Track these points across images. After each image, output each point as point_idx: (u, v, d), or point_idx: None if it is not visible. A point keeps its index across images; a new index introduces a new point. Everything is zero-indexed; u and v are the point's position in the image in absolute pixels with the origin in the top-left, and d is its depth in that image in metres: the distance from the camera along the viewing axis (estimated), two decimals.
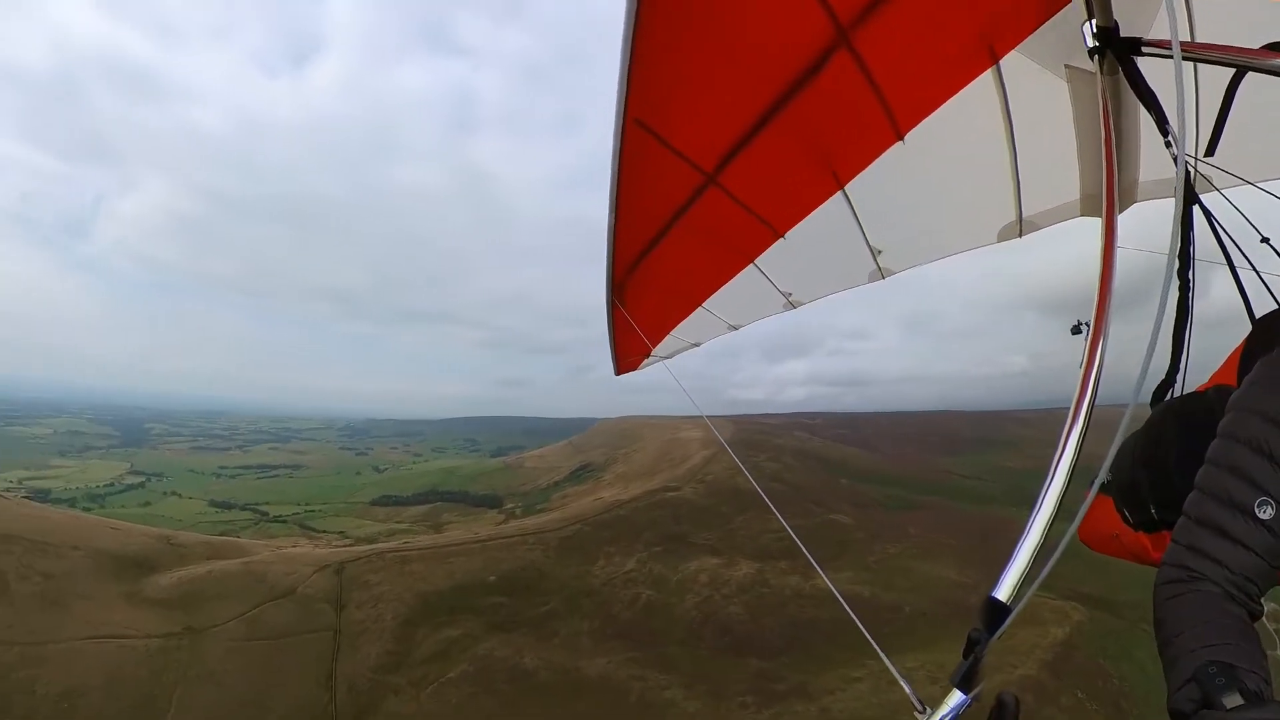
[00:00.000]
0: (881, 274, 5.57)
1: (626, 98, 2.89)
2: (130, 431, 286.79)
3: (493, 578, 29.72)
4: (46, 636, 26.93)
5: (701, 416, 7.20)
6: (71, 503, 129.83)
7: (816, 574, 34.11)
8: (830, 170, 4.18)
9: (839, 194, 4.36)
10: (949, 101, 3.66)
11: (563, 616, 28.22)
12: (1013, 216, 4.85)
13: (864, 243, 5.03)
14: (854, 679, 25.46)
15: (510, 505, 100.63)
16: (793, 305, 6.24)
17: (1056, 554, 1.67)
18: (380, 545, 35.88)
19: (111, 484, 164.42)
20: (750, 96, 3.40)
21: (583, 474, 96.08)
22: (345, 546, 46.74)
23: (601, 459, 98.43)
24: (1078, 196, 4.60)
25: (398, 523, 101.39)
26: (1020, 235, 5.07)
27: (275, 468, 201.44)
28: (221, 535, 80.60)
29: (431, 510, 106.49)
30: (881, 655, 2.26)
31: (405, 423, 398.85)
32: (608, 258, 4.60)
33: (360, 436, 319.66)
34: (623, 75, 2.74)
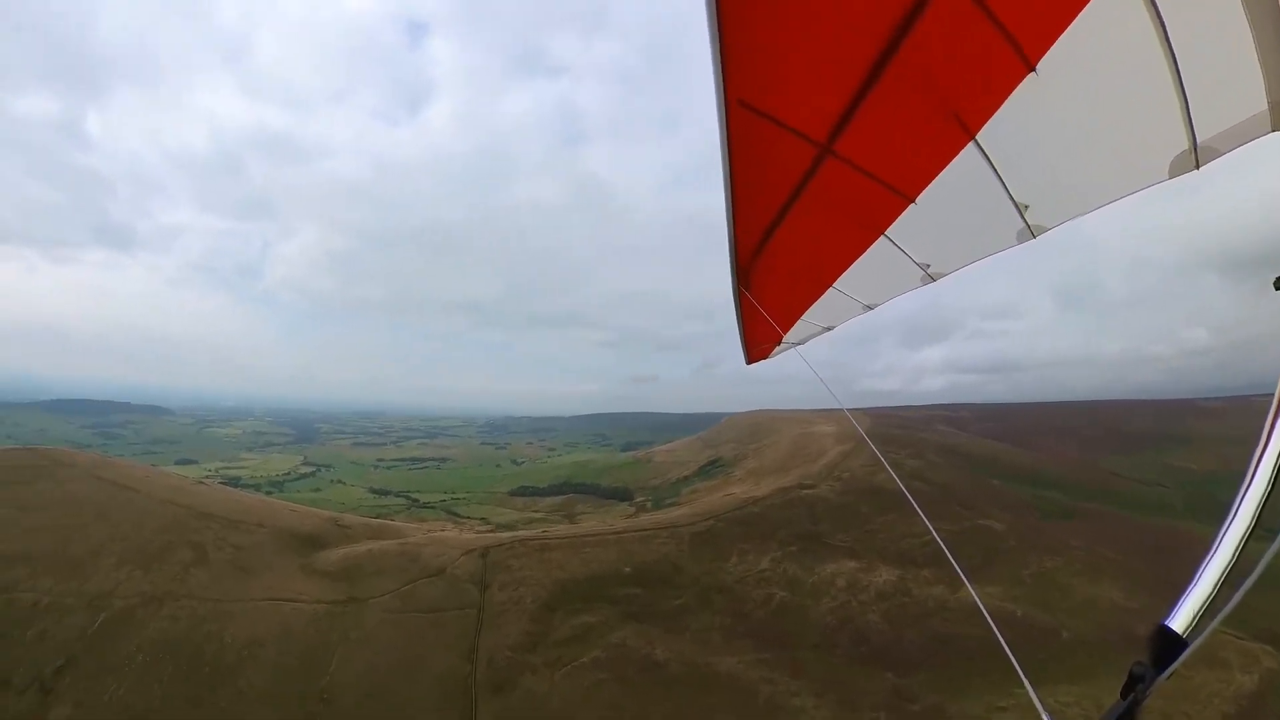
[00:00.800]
0: (1032, 232, 4.76)
1: (724, 80, 2.80)
2: (303, 431, 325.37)
3: (628, 569, 29.98)
4: (234, 597, 31.05)
5: (841, 409, 6.71)
6: (257, 488, 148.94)
7: (963, 585, 31.16)
8: (956, 119, 3.66)
9: (970, 145, 3.83)
10: (1081, 14, 3.03)
11: (695, 611, 27.98)
12: (1184, 144, 3.85)
13: (1007, 198, 4.38)
14: (998, 708, 23.31)
15: (640, 499, 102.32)
16: (932, 278, 5.63)
17: (1250, 580, 1.31)
18: (521, 533, 37.29)
19: (289, 473, 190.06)
20: (851, 52, 3.07)
21: (713, 469, 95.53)
22: (487, 532, 49.32)
23: (731, 454, 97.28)
24: (1265, 106, 3.57)
25: (534, 512, 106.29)
26: (1197, 166, 4.03)
27: (424, 460, 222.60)
28: (378, 518, 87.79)
29: (565, 501, 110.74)
30: (1027, 686, 2.02)
31: (539, 419, 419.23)
32: (730, 245, 4.42)
33: (499, 432, 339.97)
34: (716, 58, 2.64)
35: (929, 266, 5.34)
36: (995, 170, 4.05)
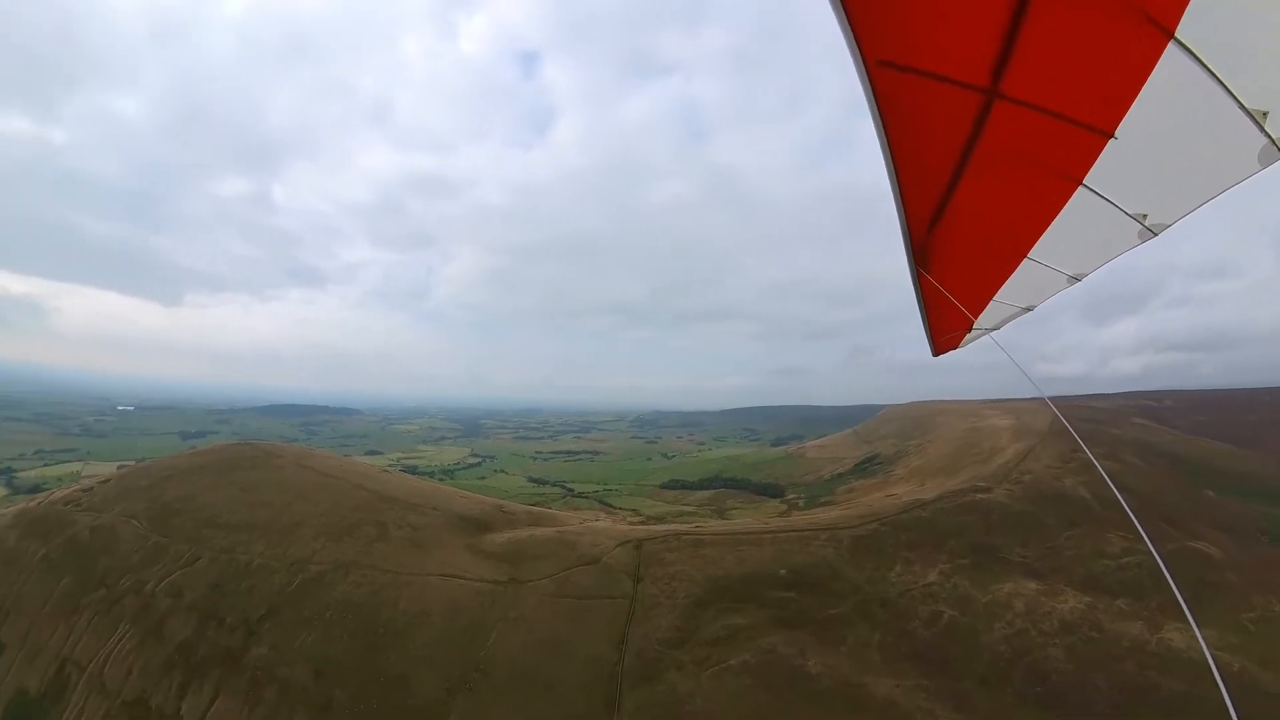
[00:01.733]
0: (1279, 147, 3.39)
1: (857, 42, 2.53)
2: (471, 426, 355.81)
3: (783, 571, 28.68)
4: (409, 569, 33.94)
5: (1041, 397, 5.62)
6: (431, 475, 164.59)
7: (1166, 623, 26.83)
8: (1144, 17, 2.76)
9: (1170, 46, 2.85)
10: None
11: (852, 623, 26.11)
12: None
13: (1235, 106, 3.14)
14: None
15: (792, 496, 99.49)
16: (1152, 231, 4.39)
17: None
18: (675, 526, 37.22)
19: (458, 463, 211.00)
20: None
21: (870, 466, 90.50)
22: (639, 523, 50.15)
23: (890, 450, 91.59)
24: None
25: (684, 505, 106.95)
26: None
27: (579, 453, 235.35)
28: (537, 505, 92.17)
29: (716, 496, 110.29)
30: None
31: (688, 414, 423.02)
32: (900, 222, 3.93)
33: (649, 427, 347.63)
34: (843, 21, 2.40)
35: (1146, 217, 4.20)
36: (1211, 72, 2.98)
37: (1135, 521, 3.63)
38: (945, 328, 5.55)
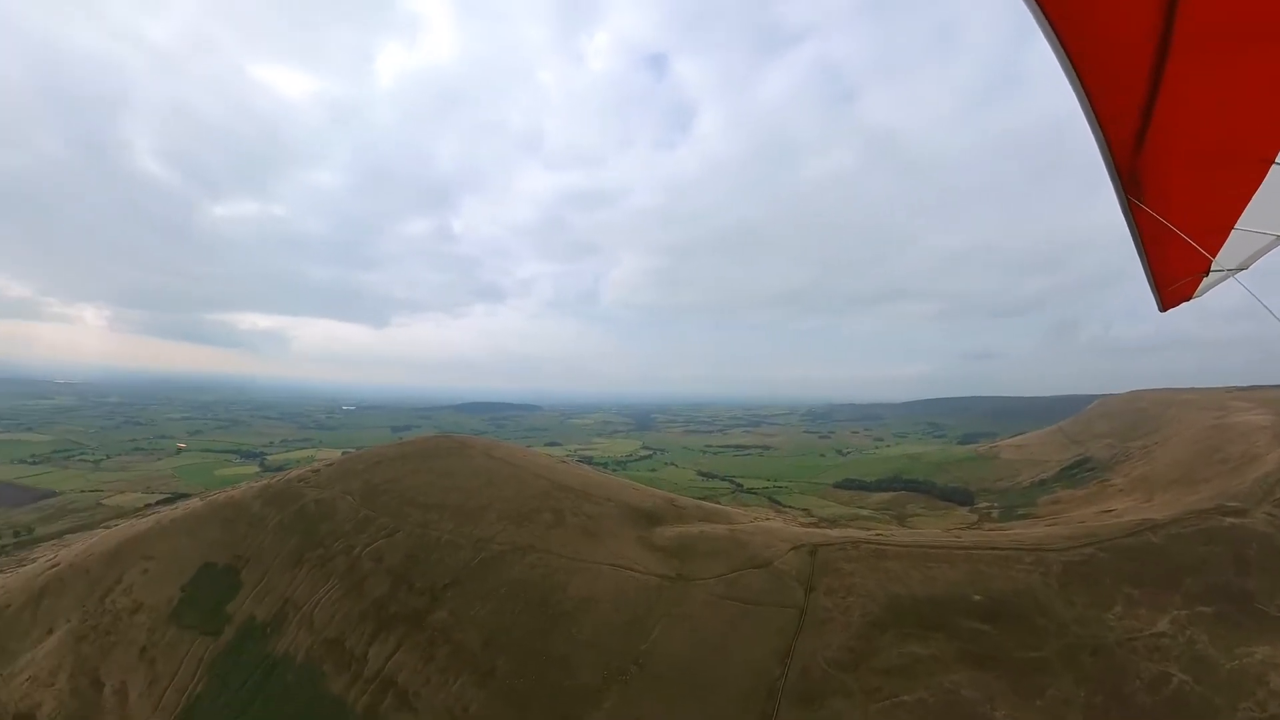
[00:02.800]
0: None
1: None
2: (642, 420, 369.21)
3: (978, 596, 24.91)
4: (581, 556, 35.48)
5: None
6: (605, 466, 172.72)
7: None
8: None
9: None
10: None
11: (1055, 671, 21.73)
12: None
13: None
14: None
15: (984, 504, 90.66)
16: None
17: None
18: (854, 533, 34.82)
19: (630, 455, 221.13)
20: None
21: (1080, 472, 79.67)
22: (811, 525, 48.02)
23: (1106, 453, 79.87)
24: None
25: (860, 508, 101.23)
26: None
27: (748, 448, 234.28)
28: (705, 499, 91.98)
29: (895, 499, 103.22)
30: None
31: (864, 407, 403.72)
32: (1099, 143, 3.12)
33: (822, 421, 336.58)
34: None
35: None
36: None
37: None
38: (1173, 272, 4.29)
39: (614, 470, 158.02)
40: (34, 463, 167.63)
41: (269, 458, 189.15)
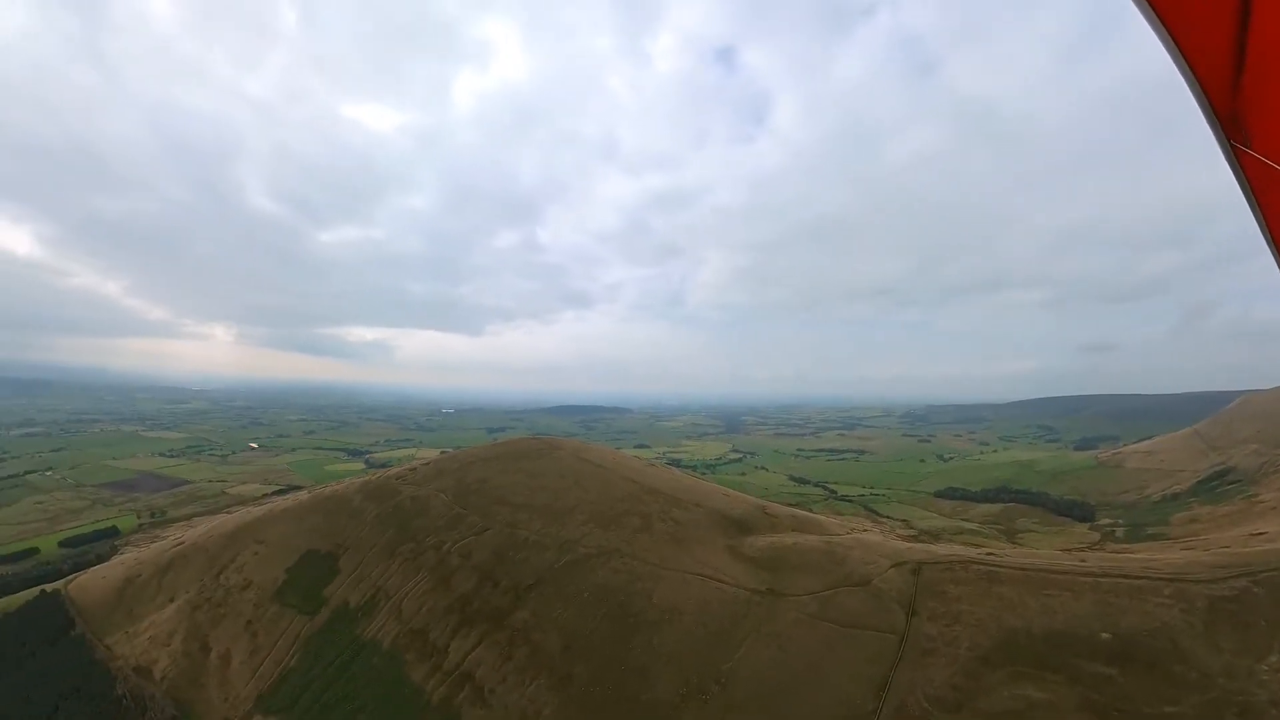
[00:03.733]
0: None
1: None
2: (731, 422, 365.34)
3: (1105, 635, 21.33)
4: (668, 564, 34.92)
5: None
6: (694, 469, 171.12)
7: None
8: None
9: None
10: None
11: None
12: None
13: None
14: None
15: (1107, 520, 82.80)
16: None
17: None
18: (961, 551, 31.87)
19: (720, 458, 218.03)
20: None
21: (1220, 485, 71.18)
22: (911, 538, 45.04)
23: (1252, 461, 71.01)
24: None
25: (964, 520, 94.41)
26: None
27: (842, 451, 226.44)
28: (796, 505, 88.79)
29: (1004, 511, 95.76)
30: None
31: (966, 407, 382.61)
32: (1189, 83, 2.79)
33: (920, 423, 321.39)
34: None
35: None
36: None
37: None
38: None
39: (703, 474, 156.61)
40: (170, 456, 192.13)
41: (373, 455, 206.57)
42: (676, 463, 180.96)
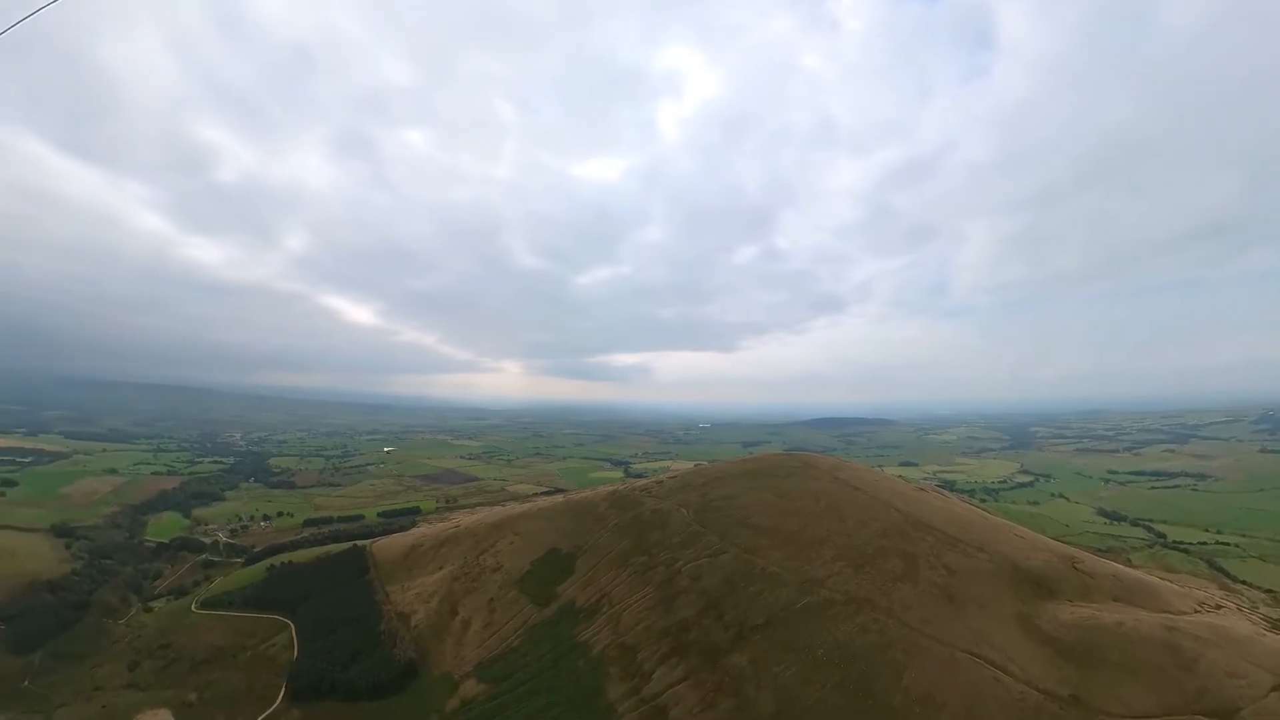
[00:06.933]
0: None
1: None
2: (1017, 435, 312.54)
3: None
4: (932, 631, 27.53)
5: None
6: (971, 493, 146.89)
7: None
8: None
9: None
10: None
11: None
12: None
13: None
14: None
15: None
16: None
17: None
18: None
19: (1004, 480, 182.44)
20: None
21: None
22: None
23: None
24: None
25: None
26: None
27: (1173, 475, 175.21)
28: (1108, 553, 71.48)
29: None
30: None
31: None
32: None
33: None
34: None
35: None
36: None
37: None
38: None
39: (983, 500, 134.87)
40: (468, 458, 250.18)
41: (633, 465, 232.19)
42: (949, 485, 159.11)
